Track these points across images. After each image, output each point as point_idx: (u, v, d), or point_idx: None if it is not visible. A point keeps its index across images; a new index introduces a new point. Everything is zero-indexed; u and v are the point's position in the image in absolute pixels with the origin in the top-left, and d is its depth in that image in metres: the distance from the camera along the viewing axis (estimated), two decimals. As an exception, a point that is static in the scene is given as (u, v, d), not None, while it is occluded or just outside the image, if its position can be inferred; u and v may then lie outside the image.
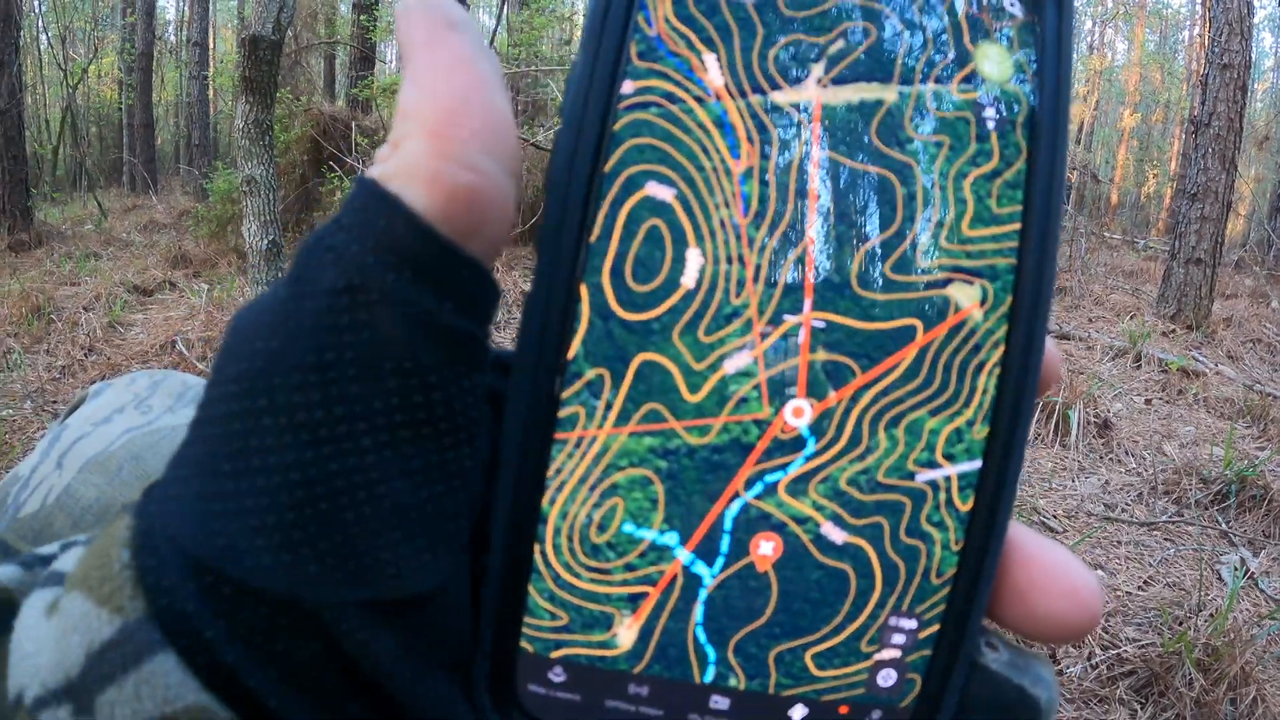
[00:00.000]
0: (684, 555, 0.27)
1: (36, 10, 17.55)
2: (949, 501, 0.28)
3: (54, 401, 4.70)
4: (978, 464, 0.28)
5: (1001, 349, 0.27)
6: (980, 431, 0.28)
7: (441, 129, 0.24)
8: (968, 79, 0.27)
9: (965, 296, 0.27)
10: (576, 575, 0.27)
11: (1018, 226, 0.27)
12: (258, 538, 0.22)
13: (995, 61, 0.28)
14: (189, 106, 18.04)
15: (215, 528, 0.23)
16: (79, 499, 0.57)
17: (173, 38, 22.97)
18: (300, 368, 0.23)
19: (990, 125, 0.28)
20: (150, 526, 0.23)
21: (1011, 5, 0.28)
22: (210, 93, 17.06)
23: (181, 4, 21.86)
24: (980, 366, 0.27)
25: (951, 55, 0.27)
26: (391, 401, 0.23)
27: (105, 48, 20.66)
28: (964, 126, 0.27)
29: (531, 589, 0.27)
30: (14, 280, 7.14)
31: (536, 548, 0.27)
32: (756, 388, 0.27)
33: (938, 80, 0.27)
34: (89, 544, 0.25)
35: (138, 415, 0.70)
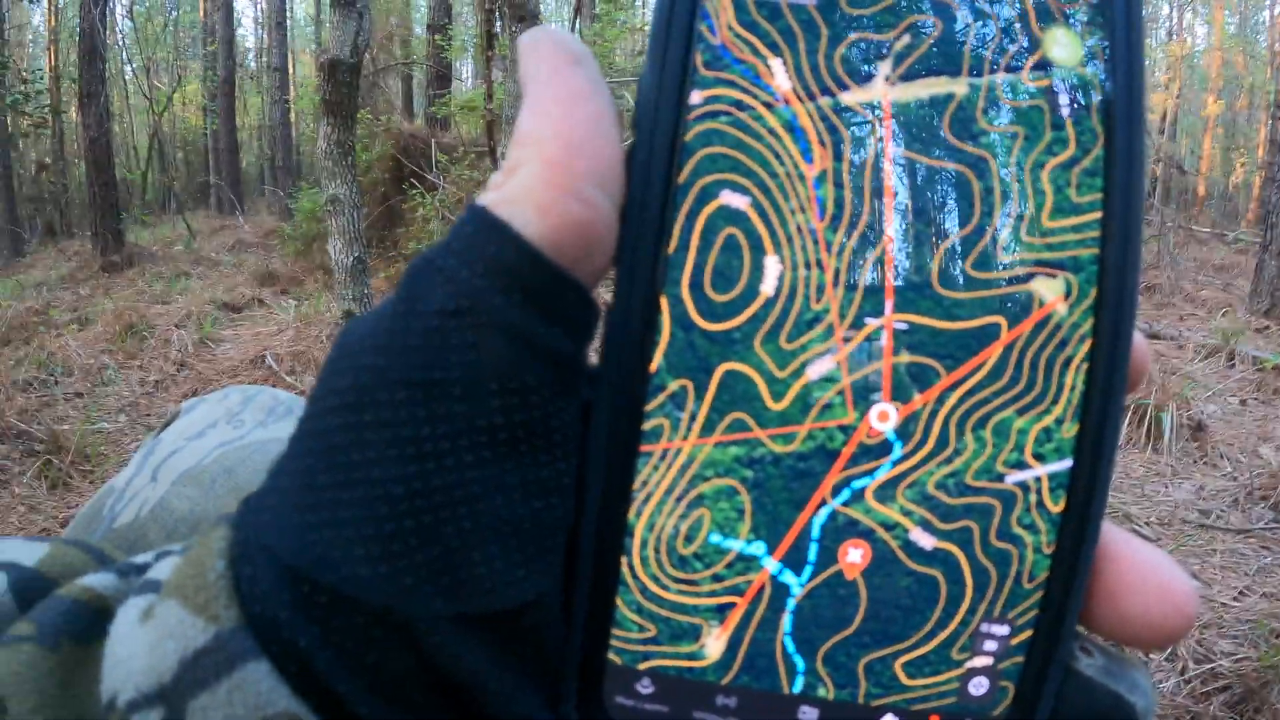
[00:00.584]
0: (771, 565, 0.27)
1: (121, 44, 18.11)
2: (1040, 503, 0.27)
3: (147, 415, 4.84)
4: (1068, 463, 0.27)
5: (1089, 343, 0.27)
6: (1070, 430, 0.27)
7: (557, 161, 0.25)
8: (1038, 66, 0.27)
9: (1049, 290, 0.27)
10: (664, 587, 0.27)
11: (1099, 215, 0.27)
12: (355, 548, 0.23)
13: (1065, 46, 0.27)
14: (272, 129, 18.48)
15: (312, 538, 0.23)
16: (173, 511, 0.58)
17: (254, 64, 23.59)
18: (406, 384, 0.24)
19: (1065, 112, 0.27)
20: (246, 537, 0.24)
21: None
22: (292, 116, 17.43)
23: (260, 31, 22.45)
24: (1068, 362, 0.27)
25: (1020, 43, 0.27)
26: (494, 420, 0.24)
27: (188, 76, 21.26)
28: (1038, 115, 0.27)
29: (619, 601, 0.27)
30: (108, 300, 7.38)
31: (624, 560, 0.27)
32: (840, 393, 0.27)
33: (1008, 69, 0.27)
34: (184, 553, 0.25)
35: (230, 430, 0.72)
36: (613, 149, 0.26)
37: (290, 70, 19.89)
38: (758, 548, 0.27)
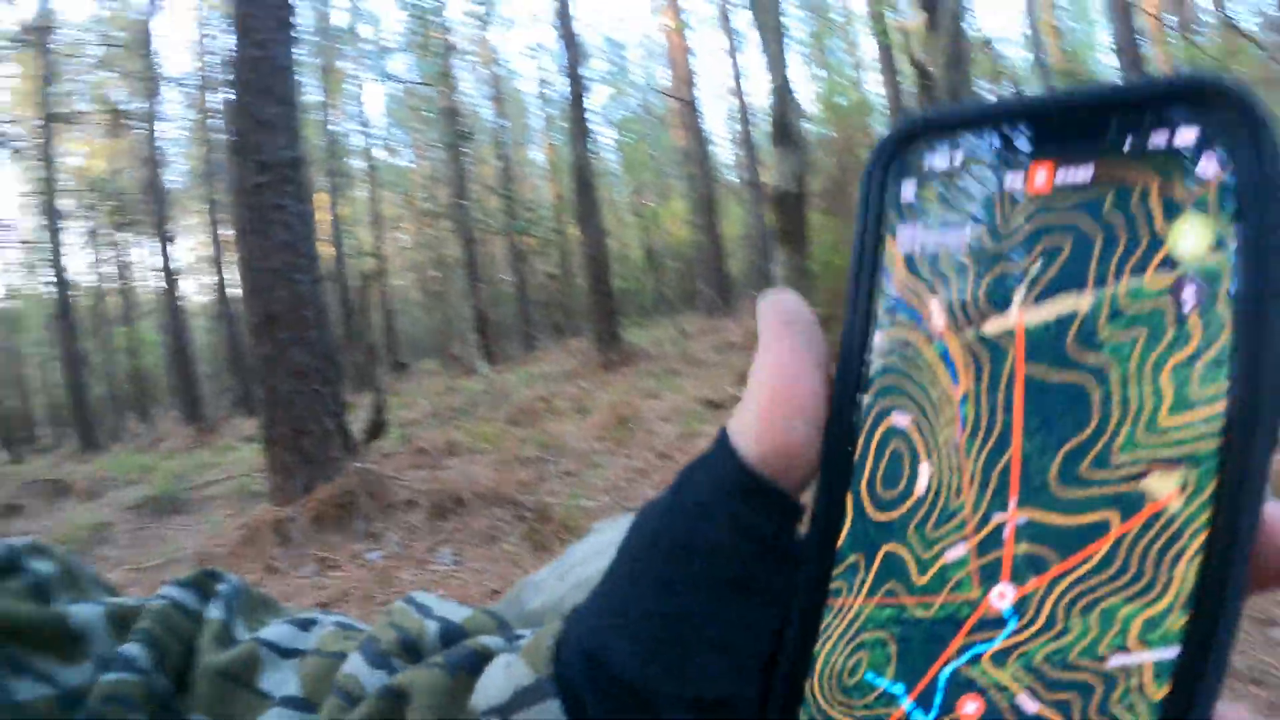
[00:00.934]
0: (907, 704, 0.32)
1: (612, 171, 19.80)
2: (1140, 687, 0.29)
3: (627, 499, 5.05)
4: (1174, 652, 0.28)
5: (1203, 535, 0.28)
6: (1177, 620, 0.28)
7: (769, 402, 0.35)
8: (1164, 263, 0.29)
9: (1163, 486, 0.28)
10: (832, 706, 0.34)
11: (1222, 406, 0.28)
12: (626, 646, 0.35)
13: (1192, 235, 0.29)
14: (752, 237, 19.29)
15: (602, 638, 0.35)
16: (565, 606, 0.54)
17: (732, 178, 24.98)
18: (669, 546, 0.35)
19: (1189, 306, 0.28)
20: (569, 629, 0.37)
21: (1204, 166, 0.29)
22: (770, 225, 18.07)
23: (737, 150, 23.72)
24: (1179, 555, 0.28)
25: (1144, 243, 0.29)
26: (723, 575, 0.34)
27: (672, 194, 22.93)
28: (1160, 315, 0.29)
29: (801, 711, 0.34)
30: (604, 393, 7.76)
31: (807, 682, 0.34)
32: (969, 574, 0.31)
33: (1133, 274, 0.29)
34: (538, 632, 0.38)
35: None
36: (814, 392, 0.35)
37: (763, 184, 20.72)
38: (898, 688, 0.32)
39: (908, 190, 0.34)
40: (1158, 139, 0.29)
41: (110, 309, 24.22)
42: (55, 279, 16.62)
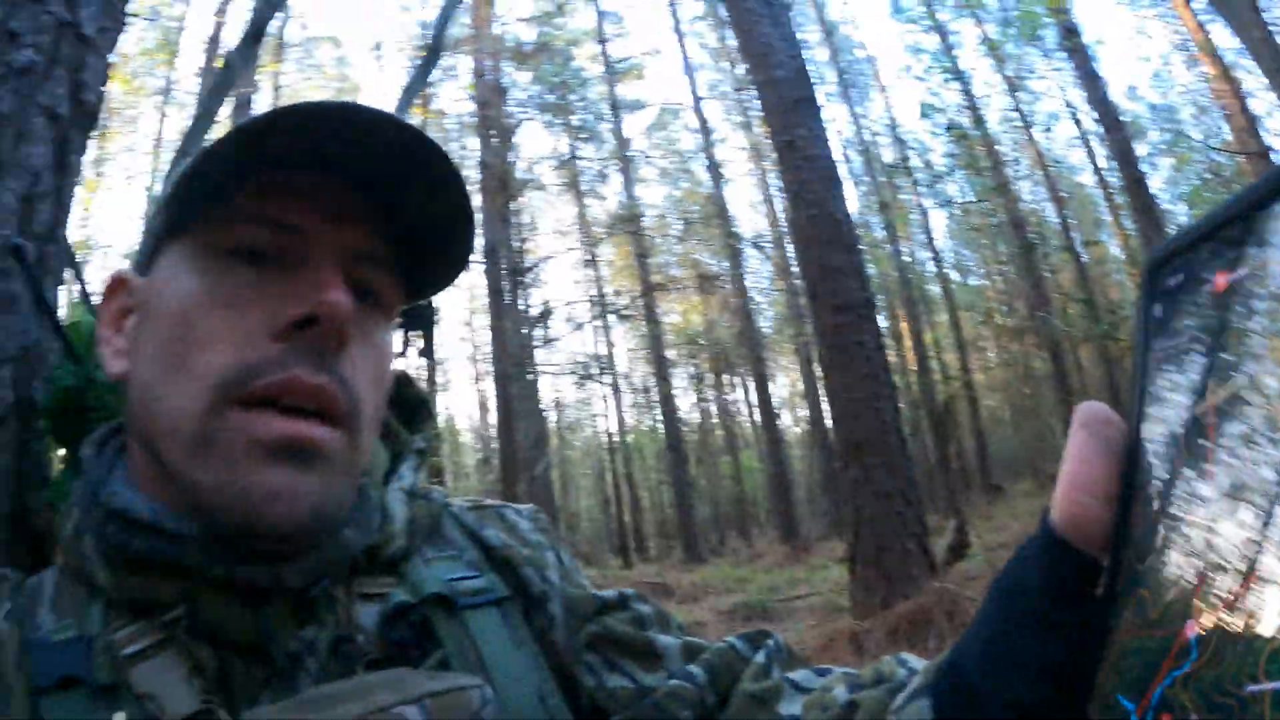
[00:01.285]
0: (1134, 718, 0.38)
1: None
2: (1261, 715, 0.31)
3: None
4: None
5: None
6: None
7: (1064, 483, 0.46)
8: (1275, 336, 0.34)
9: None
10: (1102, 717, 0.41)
11: None
12: (974, 660, 0.49)
13: None
14: None
15: (961, 655, 0.51)
16: None
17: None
18: (1000, 592, 0.49)
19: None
20: (950, 654, 0.53)
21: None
22: None
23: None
24: None
25: (1268, 323, 0.34)
26: (1031, 611, 0.46)
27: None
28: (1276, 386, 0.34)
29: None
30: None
31: (1090, 702, 0.42)
32: (1177, 611, 0.37)
33: (1265, 355, 0.34)
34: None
35: None
36: (1101, 474, 0.45)
37: None
38: (1130, 705, 0.38)
39: (1156, 309, 0.43)
40: (1276, 230, 0.34)
41: (714, 441, 26.67)
42: (664, 417, 18.74)
